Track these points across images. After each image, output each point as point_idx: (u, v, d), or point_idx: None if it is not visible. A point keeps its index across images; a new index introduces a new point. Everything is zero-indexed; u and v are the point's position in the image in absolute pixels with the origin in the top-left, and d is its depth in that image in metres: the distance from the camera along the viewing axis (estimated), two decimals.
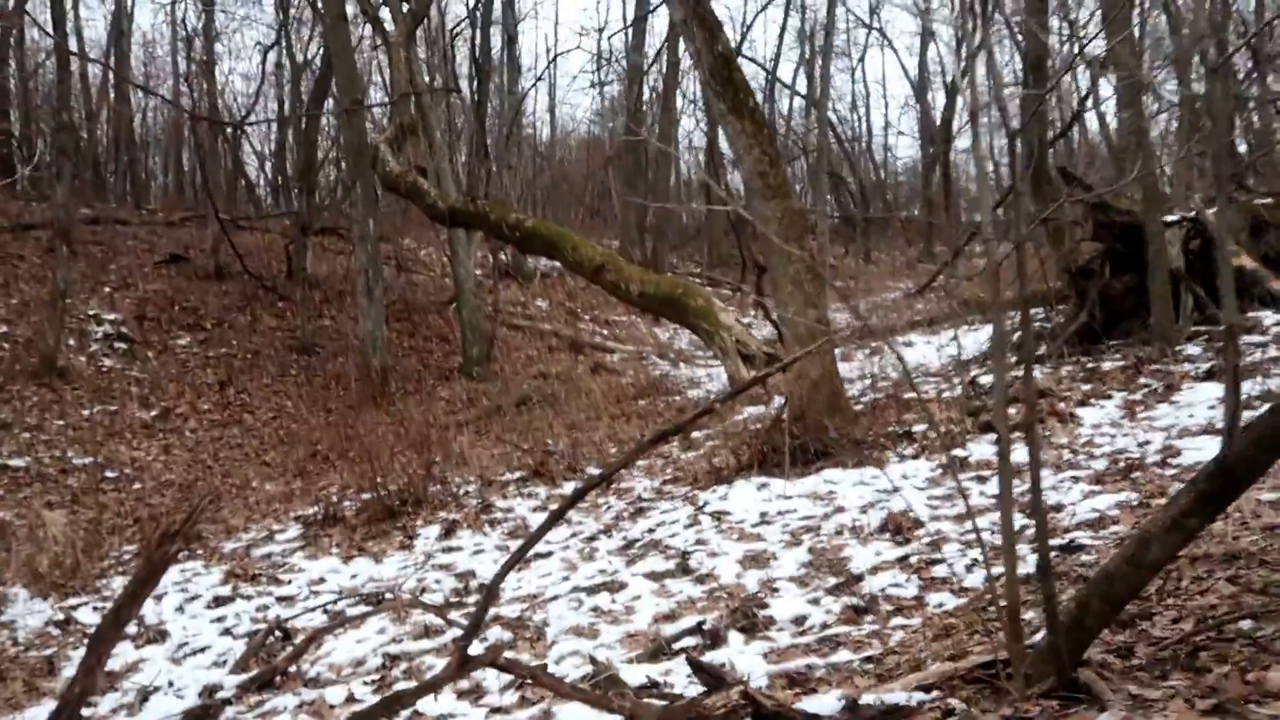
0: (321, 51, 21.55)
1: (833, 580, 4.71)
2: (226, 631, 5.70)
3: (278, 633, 5.37)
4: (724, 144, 39.58)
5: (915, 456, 6.57)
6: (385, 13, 18.57)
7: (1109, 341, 9.02)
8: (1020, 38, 12.77)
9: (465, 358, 15.97)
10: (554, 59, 38.79)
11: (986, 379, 8.81)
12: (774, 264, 7.85)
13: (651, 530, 6.23)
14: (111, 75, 28.71)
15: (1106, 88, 14.81)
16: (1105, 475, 5.34)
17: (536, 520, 7.04)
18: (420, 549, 6.82)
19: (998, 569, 2.94)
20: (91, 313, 15.24)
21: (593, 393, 14.24)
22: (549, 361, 17.41)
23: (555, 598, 5.30)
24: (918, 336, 15.47)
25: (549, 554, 6.25)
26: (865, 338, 12.20)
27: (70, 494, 10.21)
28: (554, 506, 7.36)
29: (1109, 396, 7.01)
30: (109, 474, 10.92)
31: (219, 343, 15.40)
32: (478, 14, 26.45)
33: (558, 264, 25.59)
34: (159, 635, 5.75)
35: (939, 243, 35.35)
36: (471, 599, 5.79)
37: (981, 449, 6.33)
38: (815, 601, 4.49)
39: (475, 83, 26.85)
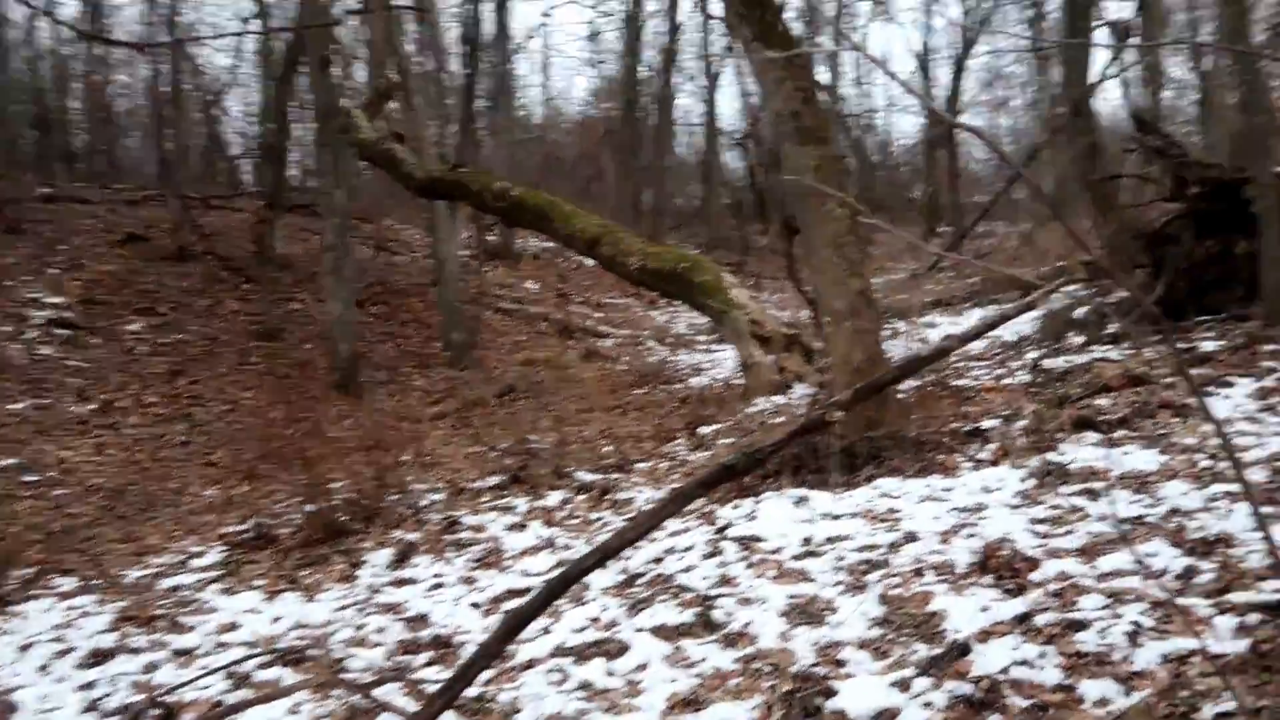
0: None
1: (923, 649, 3.29)
2: (93, 706, 4.26)
3: (153, 713, 3.94)
4: (726, 116, 38.18)
5: (994, 462, 5.13)
6: None
7: (1196, 318, 7.59)
8: None
9: (446, 344, 14.52)
10: (546, 12, 37.07)
11: (1051, 362, 7.39)
12: (808, 223, 6.41)
13: (658, 560, 4.81)
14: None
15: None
16: (1276, 489, 3.92)
17: (512, 543, 5.61)
18: (365, 582, 5.39)
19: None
20: (33, 296, 13.77)
21: (585, 381, 12.84)
22: (537, 347, 15.99)
23: (530, 663, 3.88)
24: (940, 317, 14.08)
25: (525, 591, 4.83)
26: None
27: None
28: (535, 524, 5.93)
29: (1229, 384, 5.57)
30: (29, 477, 9.48)
31: (174, 329, 13.93)
32: None
33: (549, 244, 24.25)
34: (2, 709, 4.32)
35: (942, 222, 33.98)
36: (423, 657, 4.37)
37: (1082, 453, 4.89)
38: (904, 686, 3.08)
39: (465, 53, 25.37)
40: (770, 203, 32.58)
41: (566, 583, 2.71)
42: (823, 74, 29.01)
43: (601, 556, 2.55)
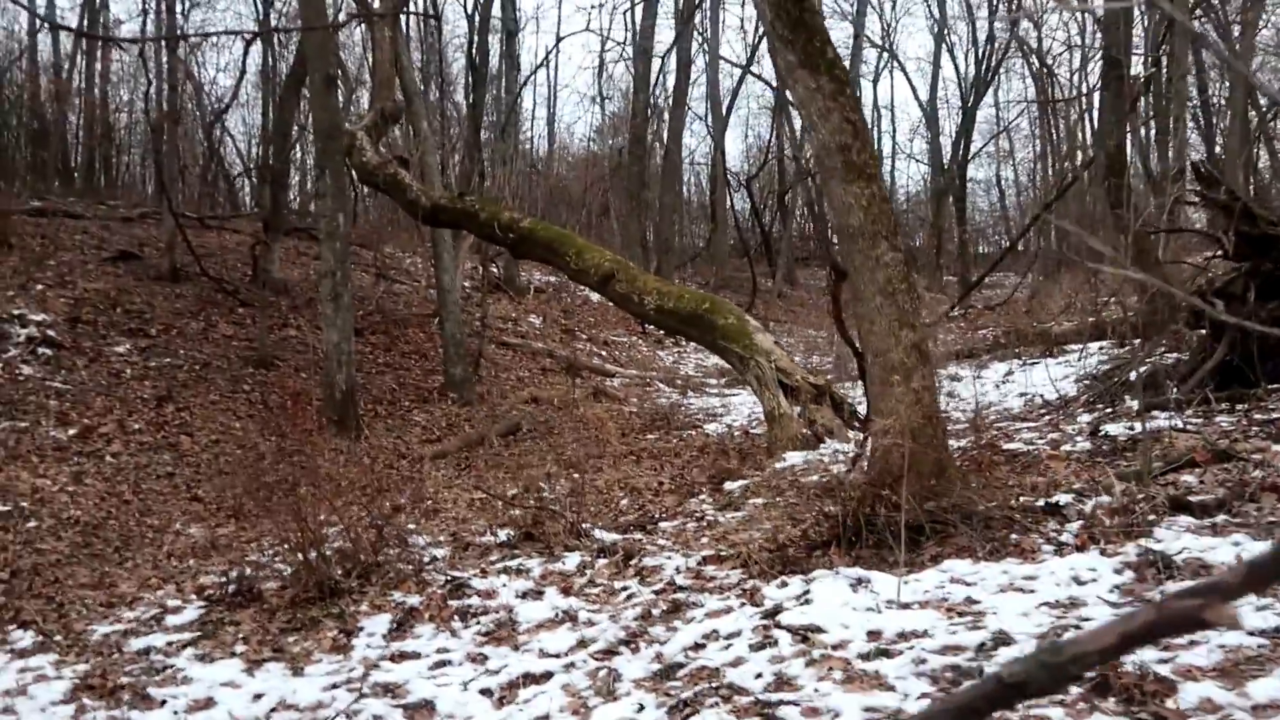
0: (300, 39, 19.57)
1: None
2: None
3: None
4: (735, 153, 37.81)
5: (1079, 546, 4.54)
6: None
7: (1269, 384, 7.03)
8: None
9: (447, 378, 13.93)
10: (558, 41, 36.81)
11: (1113, 428, 6.82)
12: (856, 268, 5.86)
13: (699, 646, 4.20)
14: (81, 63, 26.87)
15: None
16: None
17: (527, 614, 4.99)
18: (359, 654, 4.76)
19: None
20: (16, 312, 13.15)
21: (593, 423, 12.26)
22: (542, 384, 15.42)
23: None
24: (964, 370, 13.54)
25: (544, 675, 4.22)
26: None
27: None
28: (551, 591, 5.32)
29: None
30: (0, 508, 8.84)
31: (163, 352, 13.31)
32: (475, 13, 24.59)
33: (553, 278, 23.72)
34: None
35: (948, 273, 33.54)
36: None
37: (1183, 540, 4.31)
38: None
39: (471, 81, 24.99)
40: (774, 244, 32.26)
41: None
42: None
43: None
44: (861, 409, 9.85)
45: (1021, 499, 5.22)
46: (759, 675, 3.75)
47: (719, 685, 3.72)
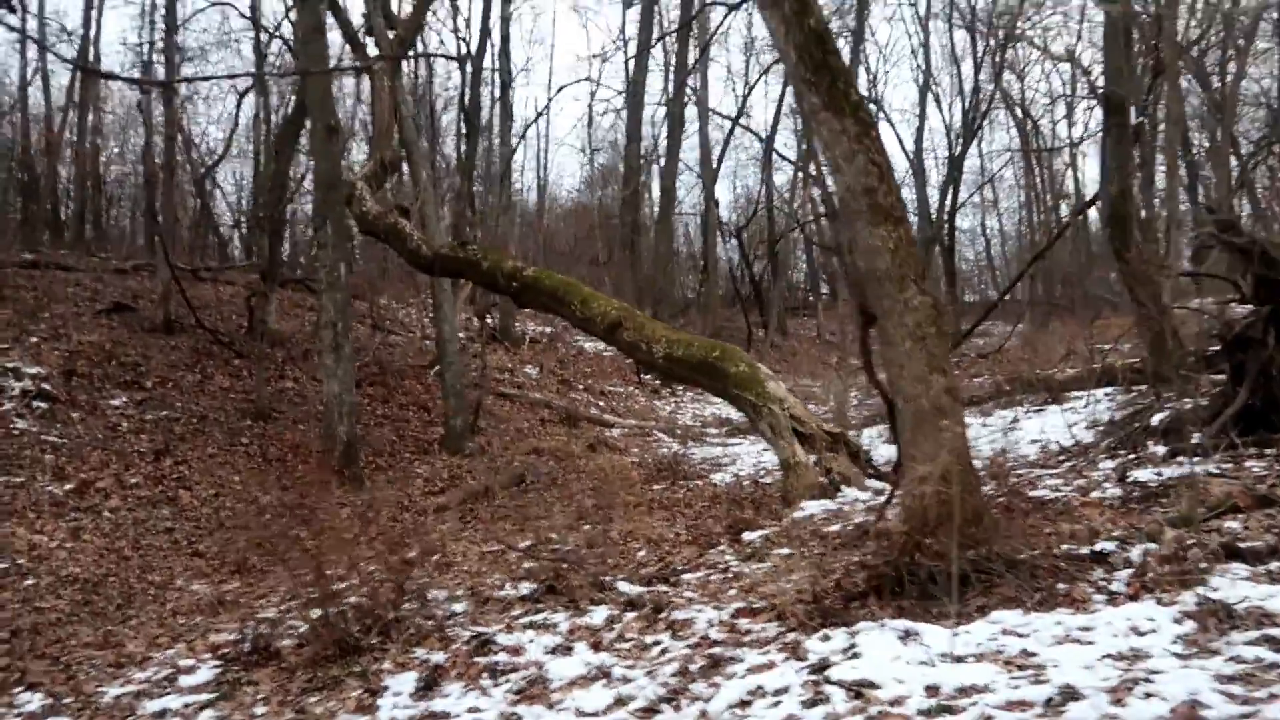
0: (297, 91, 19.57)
1: None
2: None
3: None
4: (723, 204, 37.96)
5: (1132, 595, 4.42)
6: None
7: None
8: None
9: (447, 429, 13.79)
10: (559, 90, 36.96)
11: (1141, 474, 6.72)
12: (884, 312, 5.77)
13: (745, 704, 4.04)
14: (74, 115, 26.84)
15: None
16: None
17: (558, 671, 4.82)
18: (386, 715, 4.58)
19: None
20: (10, 365, 12.96)
21: (596, 474, 12.12)
22: (541, 435, 15.27)
23: None
24: (970, 417, 13.44)
25: None
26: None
27: None
28: (580, 647, 5.15)
29: None
30: None
31: (160, 404, 13.13)
32: (467, 66, 24.71)
33: (548, 328, 23.65)
34: None
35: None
36: None
37: (1238, 589, 4.19)
38: None
39: (464, 134, 25.05)
40: (766, 296, 32.28)
41: None
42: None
43: None
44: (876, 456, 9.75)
45: (1063, 546, 5.09)
46: None
47: None
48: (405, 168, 16.65)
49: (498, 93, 24.95)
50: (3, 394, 12.20)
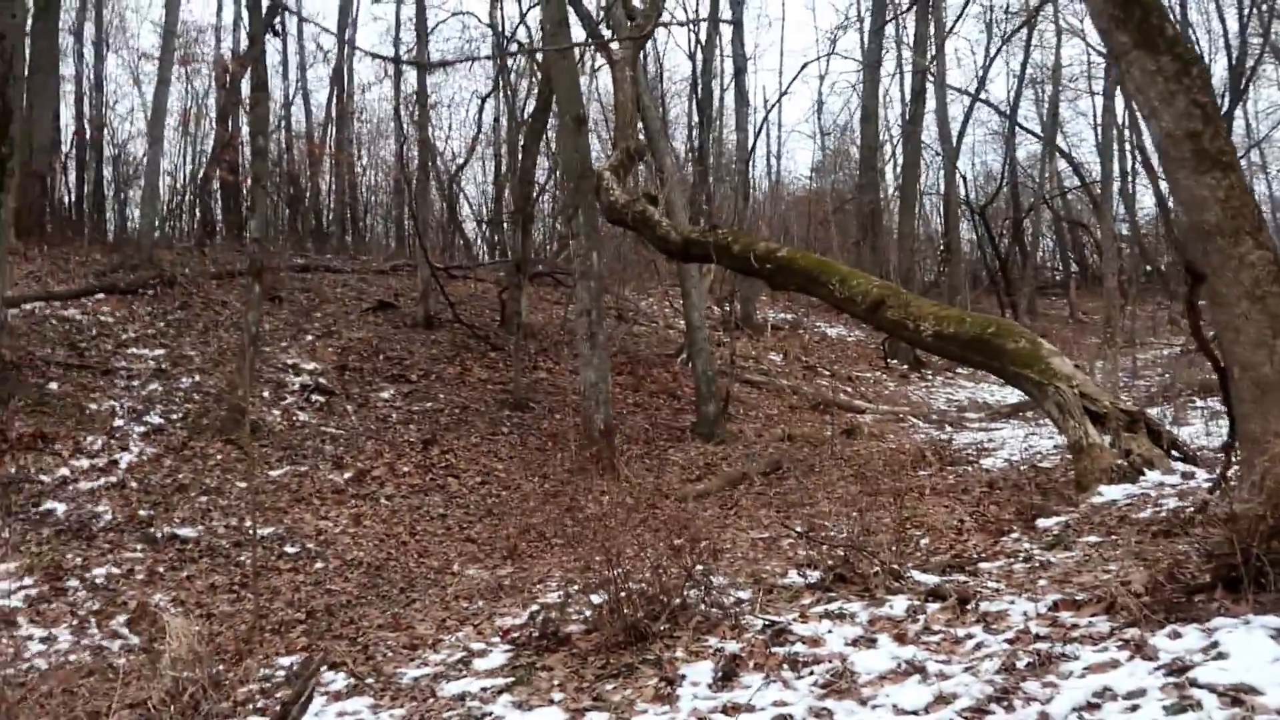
0: (538, 89, 19.97)
1: None
2: None
3: None
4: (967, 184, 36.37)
5: None
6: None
7: None
8: None
9: (699, 416, 13.66)
10: (802, 67, 36.54)
11: None
12: (1216, 270, 5.15)
13: (1093, 706, 3.59)
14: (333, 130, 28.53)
15: None
16: None
17: (864, 664, 4.50)
18: (687, 705, 4.39)
19: None
20: (290, 362, 13.76)
21: (855, 460, 11.69)
22: (791, 422, 14.92)
23: None
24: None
25: None
26: None
27: (239, 574, 8.37)
28: (884, 639, 4.81)
29: None
30: (289, 548, 9.07)
31: (424, 396, 13.62)
32: (698, 56, 24.65)
33: (789, 315, 23.26)
34: None
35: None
36: None
37: None
38: None
39: (699, 122, 25.01)
40: (1012, 276, 30.69)
41: None
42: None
43: None
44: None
45: None
46: None
47: None
48: (647, 157, 16.70)
49: (728, 81, 24.77)
50: (285, 389, 12.94)
